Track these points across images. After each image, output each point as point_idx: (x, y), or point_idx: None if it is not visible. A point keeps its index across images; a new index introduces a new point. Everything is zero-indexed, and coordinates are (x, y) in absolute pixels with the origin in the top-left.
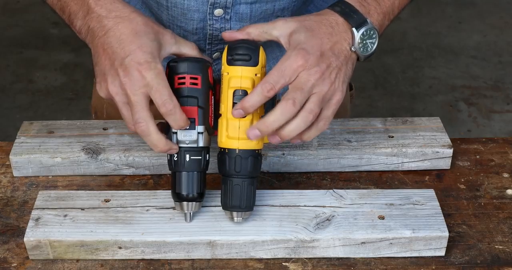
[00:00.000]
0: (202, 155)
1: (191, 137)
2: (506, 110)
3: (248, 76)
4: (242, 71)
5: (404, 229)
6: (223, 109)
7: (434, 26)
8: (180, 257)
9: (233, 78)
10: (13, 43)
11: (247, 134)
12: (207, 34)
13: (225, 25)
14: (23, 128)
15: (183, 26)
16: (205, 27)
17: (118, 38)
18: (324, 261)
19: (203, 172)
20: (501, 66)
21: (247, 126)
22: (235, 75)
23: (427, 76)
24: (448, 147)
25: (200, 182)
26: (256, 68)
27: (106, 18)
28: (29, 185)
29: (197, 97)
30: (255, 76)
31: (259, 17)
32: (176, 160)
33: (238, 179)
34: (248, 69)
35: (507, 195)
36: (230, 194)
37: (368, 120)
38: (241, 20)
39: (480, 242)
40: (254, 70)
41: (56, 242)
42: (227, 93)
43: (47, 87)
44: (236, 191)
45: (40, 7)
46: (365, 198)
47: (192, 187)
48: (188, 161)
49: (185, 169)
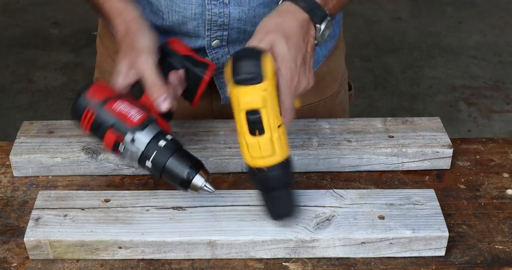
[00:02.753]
0: (156, 143)
1: (131, 155)
2: (506, 110)
3: (258, 95)
4: (250, 91)
5: (404, 229)
6: (239, 130)
7: (434, 26)
8: (180, 257)
9: (242, 99)
10: (13, 43)
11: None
12: (206, 19)
13: (224, 10)
14: (23, 128)
15: (182, 11)
16: (203, 12)
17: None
18: (324, 261)
19: (177, 150)
20: (501, 66)
21: (267, 144)
22: (244, 96)
23: (427, 76)
24: (448, 147)
25: (186, 157)
26: (264, 84)
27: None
28: (29, 185)
29: (103, 122)
30: (265, 91)
31: (258, 2)
32: (151, 167)
33: (278, 192)
34: (256, 87)
35: (507, 195)
36: (276, 207)
37: (368, 120)
38: (239, 5)
39: (480, 242)
40: (262, 86)
41: (56, 242)
42: (240, 115)
43: (47, 87)
44: (280, 203)
45: (40, 7)
46: (365, 198)
47: (184, 165)
48: (158, 156)
49: (164, 161)
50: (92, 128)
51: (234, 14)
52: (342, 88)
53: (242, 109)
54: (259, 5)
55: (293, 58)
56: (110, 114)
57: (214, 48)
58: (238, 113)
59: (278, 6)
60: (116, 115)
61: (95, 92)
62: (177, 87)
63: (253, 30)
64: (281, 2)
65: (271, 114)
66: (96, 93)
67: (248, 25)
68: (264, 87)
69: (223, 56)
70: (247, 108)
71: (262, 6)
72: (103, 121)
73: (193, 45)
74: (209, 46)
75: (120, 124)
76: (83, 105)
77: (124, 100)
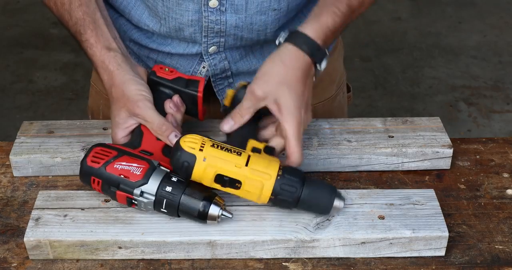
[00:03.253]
0: (163, 189)
1: (146, 206)
2: (506, 110)
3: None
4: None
5: (404, 229)
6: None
7: (434, 26)
8: (180, 257)
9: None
10: (13, 43)
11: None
12: (202, 26)
13: (220, 17)
14: (23, 128)
15: (178, 18)
16: (200, 19)
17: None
18: (324, 261)
19: (186, 188)
20: (501, 66)
21: (252, 186)
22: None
23: (427, 76)
24: (448, 147)
25: (196, 192)
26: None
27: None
28: (29, 185)
29: (110, 184)
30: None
31: (255, 10)
32: (167, 211)
33: (305, 193)
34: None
35: (507, 195)
36: (316, 200)
37: (368, 120)
38: (236, 12)
39: (480, 242)
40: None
41: (56, 242)
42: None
43: (47, 87)
44: (318, 195)
45: (40, 7)
46: (365, 198)
47: (196, 201)
48: (169, 201)
49: (177, 203)
50: (104, 191)
51: (231, 22)
52: (341, 90)
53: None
54: (256, 13)
55: (297, 107)
56: (113, 176)
57: (211, 54)
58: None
59: (280, 49)
60: (119, 175)
61: (95, 158)
62: (176, 114)
63: (250, 37)
64: (283, 44)
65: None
66: (96, 159)
67: (245, 32)
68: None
69: (220, 62)
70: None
71: (259, 14)
72: (110, 184)
73: (190, 51)
74: (206, 52)
75: (125, 183)
76: (88, 173)
77: (123, 158)
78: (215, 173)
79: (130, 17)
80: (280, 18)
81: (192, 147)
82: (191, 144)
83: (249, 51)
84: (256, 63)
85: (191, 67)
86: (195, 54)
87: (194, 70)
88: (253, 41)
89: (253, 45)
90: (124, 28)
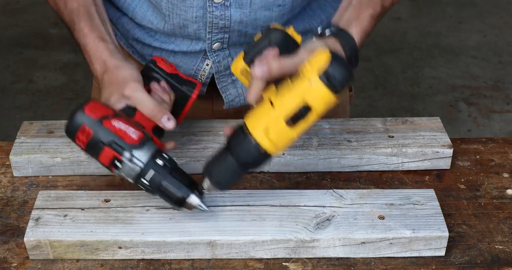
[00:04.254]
0: (154, 162)
1: (128, 172)
2: (506, 110)
3: (328, 101)
4: (328, 95)
5: (404, 229)
6: (279, 112)
7: (434, 26)
8: (180, 257)
9: (316, 95)
10: (13, 43)
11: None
12: (207, 22)
13: (225, 12)
14: (23, 128)
15: (183, 14)
16: (204, 14)
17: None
18: (324, 261)
19: (174, 169)
20: (501, 66)
21: (292, 137)
22: (321, 94)
23: (427, 76)
24: (448, 147)
25: (182, 176)
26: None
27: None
28: (29, 185)
29: (101, 139)
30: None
31: (259, 4)
32: (148, 184)
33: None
34: (333, 96)
35: (507, 195)
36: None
37: (368, 120)
38: (241, 7)
39: (480, 242)
40: (334, 99)
41: (56, 242)
42: (296, 100)
43: (47, 87)
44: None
45: (40, 7)
46: (365, 198)
47: (180, 185)
48: (156, 175)
49: (161, 180)
50: (88, 145)
51: (235, 17)
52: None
53: (305, 100)
54: (261, 8)
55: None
56: (108, 131)
57: (215, 51)
58: (296, 98)
59: (327, 41)
60: (114, 133)
61: (92, 109)
62: (163, 95)
63: (254, 33)
64: (330, 37)
65: (311, 121)
66: (93, 110)
67: (249, 28)
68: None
69: (224, 59)
70: (305, 103)
71: (263, 9)
72: (101, 138)
73: (194, 48)
74: (210, 48)
75: (119, 142)
76: (80, 122)
77: (121, 119)
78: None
79: (134, 15)
80: (285, 14)
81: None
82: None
83: None
84: None
85: (195, 65)
86: (198, 52)
87: (197, 67)
88: None
89: None
90: (127, 27)
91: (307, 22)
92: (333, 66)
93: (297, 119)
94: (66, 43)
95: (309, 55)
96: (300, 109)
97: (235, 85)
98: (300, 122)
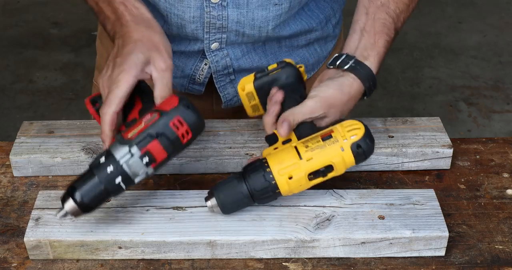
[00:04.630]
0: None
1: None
2: (506, 110)
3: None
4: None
5: (404, 229)
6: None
7: (434, 26)
8: (180, 257)
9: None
10: (13, 43)
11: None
12: (204, 22)
13: (222, 12)
14: (23, 128)
15: (180, 14)
16: (202, 15)
17: (122, 42)
18: (324, 261)
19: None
20: (501, 66)
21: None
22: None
23: (427, 76)
24: (448, 147)
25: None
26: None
27: (126, 26)
28: (29, 185)
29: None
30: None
31: (256, 4)
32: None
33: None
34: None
35: (507, 195)
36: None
37: (368, 120)
38: (238, 7)
39: (480, 242)
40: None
41: (56, 242)
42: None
43: (47, 87)
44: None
45: (40, 7)
46: (365, 198)
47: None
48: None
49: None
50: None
51: (232, 17)
52: None
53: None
54: (257, 8)
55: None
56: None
57: (213, 51)
58: (326, 160)
59: (346, 79)
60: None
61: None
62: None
63: (251, 33)
64: (349, 74)
65: (328, 178)
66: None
67: (247, 28)
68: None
69: (222, 59)
70: (331, 163)
71: (260, 9)
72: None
73: (192, 48)
74: (208, 48)
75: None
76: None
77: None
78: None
79: None
80: (282, 14)
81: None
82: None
83: (251, 48)
84: (258, 60)
85: (193, 65)
86: (197, 52)
87: (196, 67)
88: (254, 37)
89: (255, 42)
90: None
91: (305, 22)
92: (364, 141)
93: (317, 175)
94: (66, 43)
95: (322, 104)
96: (324, 167)
97: (233, 84)
98: (319, 178)
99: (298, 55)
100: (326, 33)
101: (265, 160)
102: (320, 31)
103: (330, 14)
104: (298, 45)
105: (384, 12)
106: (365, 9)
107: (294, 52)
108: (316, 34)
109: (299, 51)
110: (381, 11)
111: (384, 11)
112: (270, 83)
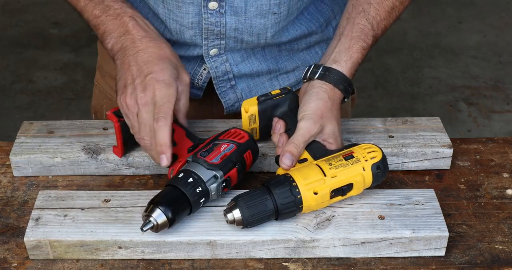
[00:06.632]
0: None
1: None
2: (506, 110)
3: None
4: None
5: (404, 229)
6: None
7: (434, 26)
8: (180, 257)
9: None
10: (13, 43)
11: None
12: (202, 28)
13: (220, 19)
14: (23, 128)
15: (179, 20)
16: (200, 21)
17: (145, 59)
18: (324, 261)
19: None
20: (501, 66)
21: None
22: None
23: (427, 76)
24: (448, 147)
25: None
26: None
27: (140, 41)
28: (29, 185)
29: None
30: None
31: (254, 12)
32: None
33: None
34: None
35: (507, 195)
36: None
37: (368, 120)
38: (236, 14)
39: (480, 242)
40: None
41: (56, 242)
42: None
43: (47, 87)
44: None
45: (40, 7)
46: (365, 198)
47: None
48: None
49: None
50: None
51: (230, 24)
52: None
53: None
54: (256, 16)
55: (339, 133)
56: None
57: (212, 57)
58: (349, 178)
59: (317, 88)
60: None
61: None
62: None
63: (250, 40)
64: (319, 82)
65: (346, 197)
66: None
67: (245, 35)
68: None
69: (222, 64)
70: (352, 182)
71: (258, 17)
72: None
73: (191, 53)
74: (207, 54)
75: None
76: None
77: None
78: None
79: None
80: (281, 22)
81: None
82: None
83: (251, 54)
84: (258, 65)
85: (192, 69)
86: (196, 57)
87: (195, 72)
88: (253, 44)
89: (254, 47)
90: None
91: (305, 26)
92: (383, 163)
93: (338, 193)
94: (66, 43)
95: (312, 119)
96: (346, 185)
97: (234, 90)
98: (338, 196)
99: (298, 59)
100: (326, 35)
101: (289, 174)
102: (320, 34)
103: (330, 17)
104: (299, 48)
105: (364, 18)
106: (347, 14)
107: (294, 55)
108: (317, 37)
109: (299, 54)
110: (361, 17)
111: (364, 18)
112: (273, 107)
